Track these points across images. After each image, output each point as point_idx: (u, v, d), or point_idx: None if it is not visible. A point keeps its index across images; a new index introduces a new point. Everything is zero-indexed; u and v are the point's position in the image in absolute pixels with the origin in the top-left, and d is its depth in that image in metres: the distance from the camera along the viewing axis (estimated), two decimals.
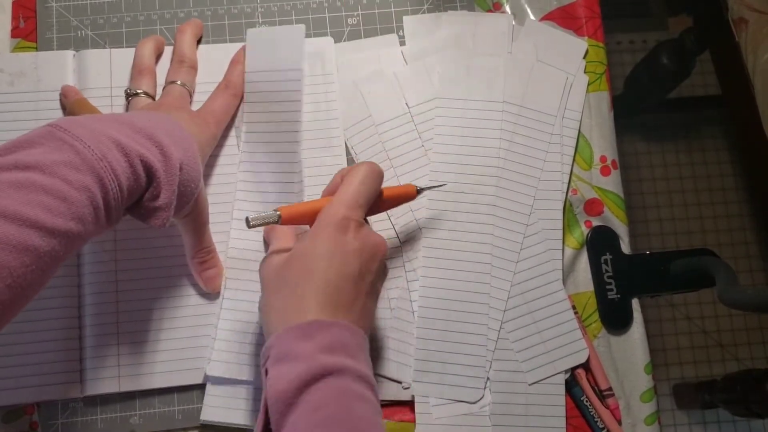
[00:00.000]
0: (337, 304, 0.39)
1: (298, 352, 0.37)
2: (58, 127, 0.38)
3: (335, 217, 0.41)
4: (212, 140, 0.50)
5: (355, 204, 0.42)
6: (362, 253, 0.40)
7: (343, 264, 0.40)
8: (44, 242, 0.35)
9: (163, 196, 0.41)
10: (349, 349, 0.38)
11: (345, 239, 0.40)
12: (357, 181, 0.42)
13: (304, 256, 0.40)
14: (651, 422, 0.53)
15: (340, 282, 0.39)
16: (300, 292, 0.39)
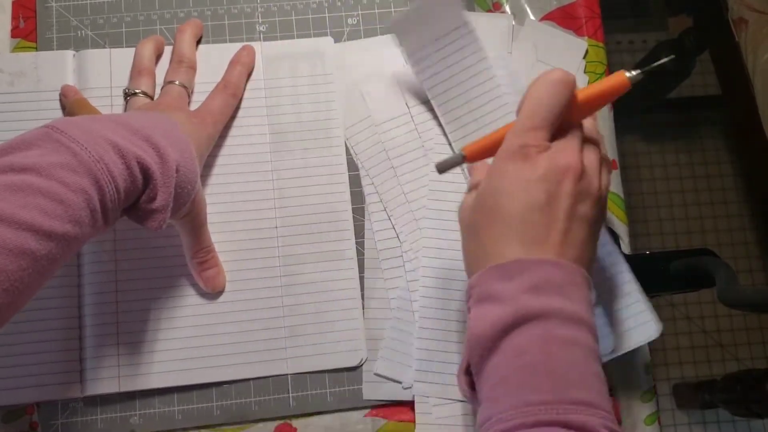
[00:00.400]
0: (532, 239, 0.36)
1: (500, 293, 0.35)
2: (54, 129, 0.37)
3: (511, 148, 0.37)
4: (210, 140, 0.50)
5: (532, 127, 0.37)
6: (547, 178, 0.36)
7: (526, 194, 0.36)
8: (41, 245, 0.35)
9: (160, 198, 0.41)
10: (556, 288, 0.35)
11: (524, 168, 0.36)
12: (534, 100, 0.37)
13: (487, 195, 0.38)
14: (651, 422, 0.53)
15: (527, 214, 0.36)
16: (491, 233, 0.37)
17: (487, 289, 0.36)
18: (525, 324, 0.34)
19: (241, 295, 0.51)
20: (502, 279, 0.35)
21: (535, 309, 0.34)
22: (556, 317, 0.34)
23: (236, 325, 0.51)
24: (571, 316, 0.34)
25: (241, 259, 0.52)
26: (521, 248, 0.36)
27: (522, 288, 0.34)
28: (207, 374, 0.50)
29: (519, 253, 0.36)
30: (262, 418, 0.50)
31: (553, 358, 0.33)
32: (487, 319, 0.35)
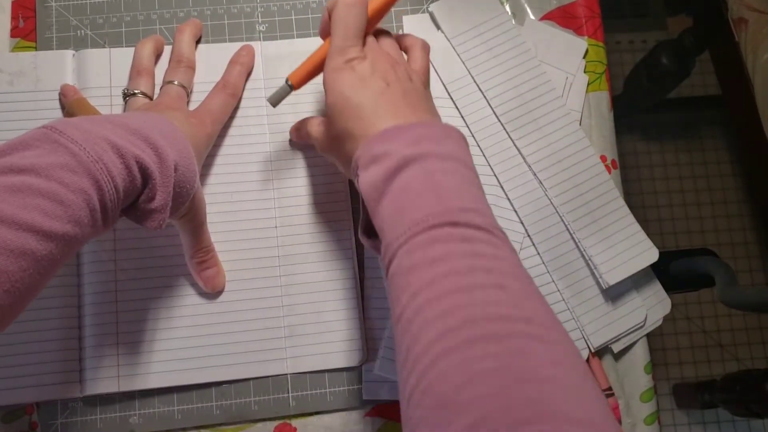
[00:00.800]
0: (395, 112, 0.41)
1: (383, 152, 0.39)
2: (53, 129, 0.37)
3: (338, 65, 0.43)
4: (208, 140, 0.50)
5: (349, 45, 0.43)
6: (377, 74, 0.42)
7: (367, 87, 0.42)
8: (41, 246, 0.35)
9: (159, 198, 0.40)
10: (433, 139, 0.39)
11: (356, 74, 0.42)
12: (343, 23, 0.43)
13: (337, 103, 0.42)
14: (651, 422, 0.53)
15: (378, 99, 0.41)
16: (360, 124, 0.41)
17: (370, 153, 0.39)
18: (407, 166, 0.38)
19: (241, 295, 0.51)
20: (383, 142, 0.39)
21: (414, 154, 0.38)
22: (434, 157, 0.38)
23: (236, 324, 0.51)
24: (448, 155, 0.39)
25: (240, 259, 0.52)
26: (392, 120, 0.40)
27: (402, 144, 0.39)
28: (206, 374, 0.50)
29: (392, 123, 0.40)
30: (262, 418, 0.50)
31: (435, 184, 0.37)
32: (375, 172, 0.38)
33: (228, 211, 0.52)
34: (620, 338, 0.52)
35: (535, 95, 0.55)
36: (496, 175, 0.54)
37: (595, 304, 0.52)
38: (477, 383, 0.29)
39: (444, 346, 0.31)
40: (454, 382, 0.30)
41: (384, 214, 0.38)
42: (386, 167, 0.38)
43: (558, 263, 0.52)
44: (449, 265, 0.34)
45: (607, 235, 0.52)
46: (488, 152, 0.54)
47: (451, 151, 0.39)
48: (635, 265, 0.51)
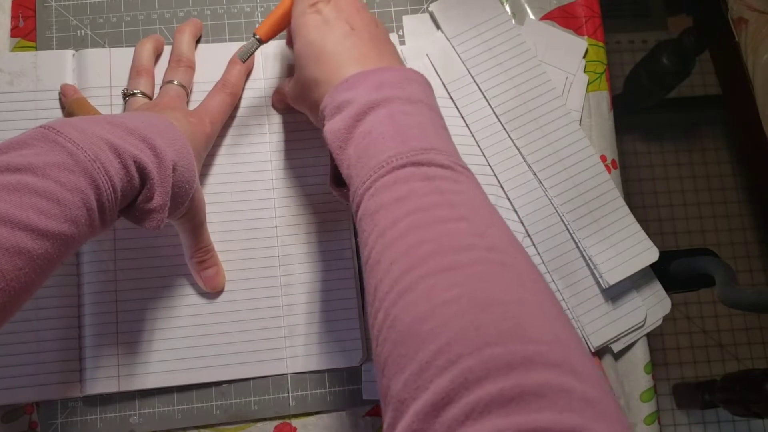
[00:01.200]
0: (359, 57, 0.42)
1: (347, 99, 0.39)
2: (50, 129, 0.37)
3: (304, 11, 0.43)
4: (208, 139, 0.50)
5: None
6: (342, 17, 0.43)
7: (333, 31, 0.42)
8: (37, 245, 0.35)
9: (157, 198, 0.40)
10: (395, 84, 0.40)
11: (321, 18, 0.43)
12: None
13: (305, 50, 0.43)
14: (651, 422, 0.53)
15: (345, 42, 0.42)
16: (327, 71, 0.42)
17: (335, 101, 0.40)
18: (370, 111, 0.38)
19: (241, 295, 0.51)
20: (347, 90, 0.40)
21: (377, 99, 0.38)
22: (395, 101, 0.39)
23: (236, 324, 0.51)
24: (410, 97, 0.39)
25: (240, 259, 0.52)
26: (356, 66, 0.41)
27: (365, 90, 0.39)
28: (206, 374, 0.50)
29: (356, 69, 0.41)
30: (262, 418, 0.50)
31: (398, 125, 0.38)
32: (339, 120, 0.39)
33: (228, 211, 0.52)
34: (620, 338, 0.52)
35: (535, 95, 0.55)
36: (496, 175, 0.54)
37: (595, 303, 0.52)
38: (441, 311, 0.29)
39: (409, 279, 0.31)
40: (419, 312, 0.30)
41: (349, 161, 0.38)
42: (350, 114, 0.39)
43: (558, 263, 0.52)
44: (413, 202, 0.34)
45: (607, 234, 0.52)
46: (488, 152, 0.54)
47: (414, 93, 0.40)
48: (635, 264, 0.51)
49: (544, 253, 0.52)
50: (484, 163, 0.54)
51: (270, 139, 0.54)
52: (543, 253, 0.52)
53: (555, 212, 0.53)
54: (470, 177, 0.37)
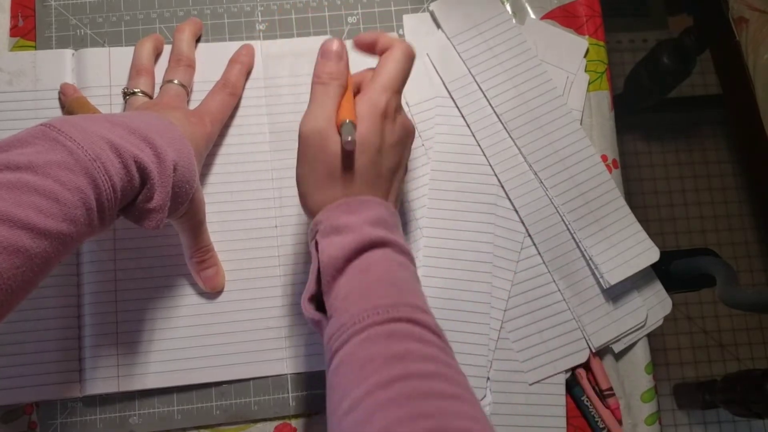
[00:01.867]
0: (377, 187, 0.42)
1: (347, 224, 0.39)
2: (51, 127, 0.37)
3: (379, 105, 0.41)
4: (208, 139, 0.50)
5: (397, 88, 0.43)
6: (400, 144, 0.43)
7: (386, 157, 0.42)
8: (35, 244, 0.35)
9: (157, 198, 0.40)
10: (389, 225, 0.41)
11: (387, 129, 0.42)
12: (398, 66, 0.43)
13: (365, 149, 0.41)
14: (651, 422, 0.53)
15: (383, 171, 0.42)
16: (352, 185, 0.41)
17: (333, 222, 0.40)
18: (369, 249, 0.39)
19: (241, 295, 0.51)
20: (348, 213, 0.40)
21: (377, 238, 0.39)
22: (392, 245, 0.40)
23: (235, 324, 0.51)
24: (402, 247, 0.40)
25: (240, 259, 0.52)
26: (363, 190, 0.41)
27: (364, 221, 0.40)
28: (206, 374, 0.50)
29: (361, 193, 0.41)
30: (262, 418, 0.50)
31: (393, 274, 0.38)
32: (337, 246, 0.39)
33: (228, 211, 0.52)
34: (621, 338, 0.52)
35: (535, 94, 0.55)
36: (496, 174, 0.54)
37: (596, 304, 0.52)
38: None
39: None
40: None
41: (340, 293, 0.38)
42: (349, 245, 0.38)
43: (558, 263, 0.52)
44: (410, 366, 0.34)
45: (607, 234, 0.52)
46: (488, 152, 0.54)
47: (403, 243, 0.41)
48: (636, 264, 0.51)
49: (544, 253, 0.52)
50: (485, 163, 0.54)
51: (270, 138, 0.54)
52: (544, 253, 0.52)
53: (556, 212, 0.53)
54: (450, 348, 0.37)
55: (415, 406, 0.32)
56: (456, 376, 0.35)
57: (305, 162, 0.42)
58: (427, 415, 0.31)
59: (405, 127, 0.43)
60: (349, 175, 0.41)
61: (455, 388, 0.34)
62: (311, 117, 0.42)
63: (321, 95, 0.43)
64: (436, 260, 0.52)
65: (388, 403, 0.32)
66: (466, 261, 0.52)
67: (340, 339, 0.36)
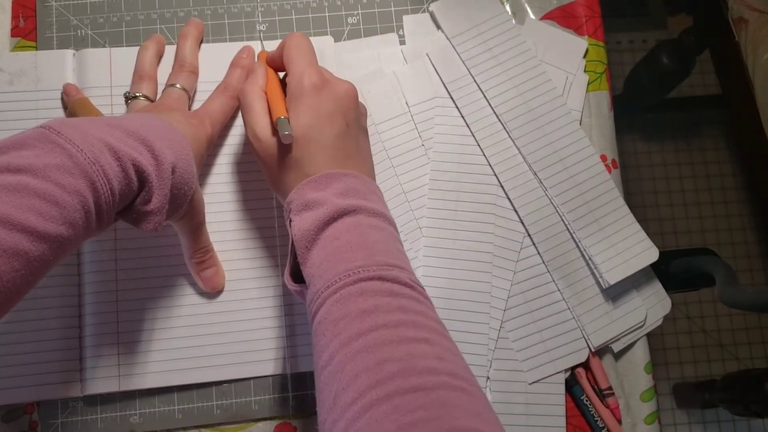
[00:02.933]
0: (340, 158, 0.43)
1: (316, 199, 0.41)
2: (51, 129, 0.37)
3: (299, 86, 0.43)
4: (209, 141, 0.50)
5: (308, 62, 0.45)
6: (341, 107, 0.44)
7: (331, 126, 0.43)
8: (35, 247, 0.35)
9: (155, 200, 0.40)
10: (360, 193, 0.42)
11: (321, 101, 0.43)
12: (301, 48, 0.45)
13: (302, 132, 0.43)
14: (651, 421, 0.53)
15: (336, 141, 0.43)
16: (310, 161, 0.43)
17: (303, 199, 0.41)
18: (338, 218, 0.40)
19: (241, 295, 0.51)
20: (315, 190, 0.41)
21: (345, 206, 0.40)
22: (362, 211, 0.41)
23: (236, 324, 0.51)
24: (374, 210, 0.41)
25: (240, 259, 0.52)
26: (329, 165, 0.43)
27: (333, 194, 0.41)
28: (207, 374, 0.50)
29: (329, 168, 0.42)
30: (262, 418, 0.51)
31: (363, 237, 0.40)
32: (308, 220, 0.40)
33: (228, 211, 0.52)
34: (620, 338, 0.52)
35: (535, 95, 0.55)
36: (496, 174, 0.54)
37: (596, 303, 0.52)
38: None
39: (375, 395, 0.32)
40: (386, 430, 0.31)
41: (314, 262, 0.39)
42: (319, 217, 0.40)
43: (558, 263, 0.52)
44: (379, 318, 0.36)
45: (607, 234, 0.52)
46: (488, 152, 0.54)
47: (377, 207, 0.42)
48: (635, 264, 0.51)
49: (544, 253, 0.52)
50: (485, 163, 0.54)
51: None
52: (543, 252, 0.52)
53: (555, 212, 0.53)
54: (428, 298, 0.39)
55: (382, 351, 0.34)
56: (426, 322, 0.37)
57: (261, 163, 0.45)
58: (394, 359, 0.34)
59: (334, 91, 0.44)
60: (305, 159, 0.43)
61: (424, 332, 0.36)
62: (247, 126, 0.45)
63: (246, 107, 0.45)
64: (436, 260, 0.52)
65: (358, 352, 0.34)
66: (466, 261, 0.52)
67: (316, 303, 0.38)
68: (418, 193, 0.53)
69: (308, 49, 0.46)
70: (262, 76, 0.47)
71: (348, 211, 0.40)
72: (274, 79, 0.47)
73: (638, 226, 0.52)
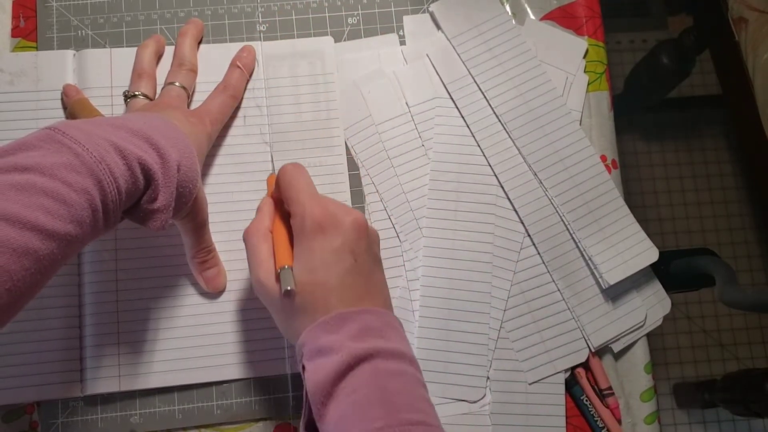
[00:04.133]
0: (351, 297, 0.40)
1: (330, 344, 0.38)
2: (56, 130, 0.37)
3: (307, 225, 0.41)
4: (208, 139, 0.50)
5: (314, 197, 0.42)
6: (348, 241, 0.41)
7: (338, 264, 0.40)
8: (44, 245, 0.35)
9: (161, 198, 0.41)
10: (376, 331, 0.39)
11: (326, 240, 0.41)
12: (301, 178, 0.43)
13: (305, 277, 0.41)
14: (651, 421, 0.53)
15: (344, 279, 0.40)
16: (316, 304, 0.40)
17: (316, 344, 0.39)
18: (356, 366, 0.37)
19: (242, 295, 0.51)
20: (328, 332, 0.39)
21: (361, 352, 0.37)
22: (380, 355, 0.38)
23: (236, 324, 0.51)
24: (393, 352, 0.38)
25: (241, 259, 0.52)
26: (341, 304, 0.40)
27: (348, 336, 0.38)
28: (207, 374, 0.50)
29: (340, 308, 0.40)
30: (262, 418, 0.51)
31: (383, 389, 0.37)
32: (321, 370, 0.38)
33: (229, 211, 0.52)
34: (620, 338, 0.52)
35: (535, 95, 0.55)
36: (496, 175, 0.54)
37: (595, 303, 0.52)
38: None
39: None
40: None
41: (331, 419, 0.37)
42: (334, 366, 0.37)
43: (558, 263, 0.52)
44: None
45: (607, 234, 0.52)
46: (488, 152, 0.54)
47: (396, 346, 0.39)
48: (635, 264, 0.51)
49: (544, 253, 0.53)
50: (485, 163, 0.54)
51: (271, 139, 0.54)
52: (543, 253, 0.53)
53: (555, 212, 0.53)
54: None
55: None
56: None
57: (268, 306, 0.43)
58: None
59: (340, 226, 0.41)
60: (313, 304, 0.40)
61: None
62: (251, 270, 0.43)
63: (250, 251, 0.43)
64: (436, 260, 0.52)
65: None
66: (466, 261, 0.52)
67: None
68: (418, 193, 0.53)
69: (304, 183, 0.43)
70: (269, 216, 0.44)
71: (365, 356, 0.37)
72: (279, 220, 0.44)
73: (638, 226, 0.52)
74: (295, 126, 0.54)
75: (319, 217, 0.41)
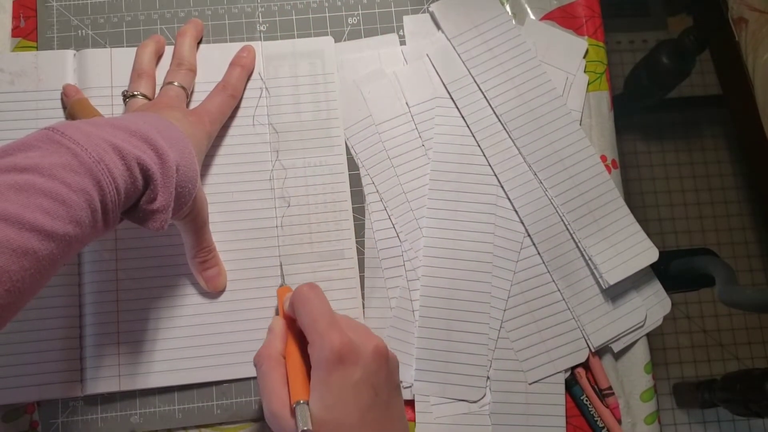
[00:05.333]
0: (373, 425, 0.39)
1: None
2: (54, 131, 0.37)
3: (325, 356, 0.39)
4: (208, 139, 0.50)
5: (332, 324, 0.40)
6: (368, 373, 0.39)
7: (357, 400, 0.39)
8: (43, 246, 0.35)
9: (161, 199, 0.41)
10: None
11: (345, 372, 0.39)
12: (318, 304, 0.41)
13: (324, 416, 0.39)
14: (651, 421, 0.53)
15: (364, 417, 0.39)
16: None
17: None
18: None
19: (242, 295, 0.51)
20: None
21: None
22: None
23: (237, 324, 0.51)
24: None
25: (241, 259, 0.52)
26: None
27: None
28: (207, 373, 0.50)
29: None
30: (262, 418, 0.51)
31: None
32: None
33: (229, 211, 0.52)
34: (620, 338, 0.52)
35: (535, 95, 0.55)
36: (496, 175, 0.54)
37: (595, 303, 0.52)
38: None
39: None
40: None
41: None
42: None
43: (558, 263, 0.52)
44: None
45: (607, 234, 0.52)
46: (488, 152, 0.54)
47: None
48: (635, 264, 0.51)
49: (544, 253, 0.53)
50: (485, 163, 0.54)
51: (271, 139, 0.54)
52: (543, 253, 0.53)
53: (555, 212, 0.53)
54: None
55: None
56: None
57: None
58: None
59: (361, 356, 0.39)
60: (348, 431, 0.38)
61: None
62: (263, 399, 0.41)
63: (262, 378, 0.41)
64: (436, 260, 0.52)
65: None
66: (466, 261, 0.52)
67: None
68: (418, 193, 0.54)
69: (321, 308, 0.41)
70: (281, 339, 0.42)
71: None
72: (293, 342, 0.42)
73: (638, 226, 0.53)
74: (295, 126, 0.54)
75: (338, 346, 0.39)
